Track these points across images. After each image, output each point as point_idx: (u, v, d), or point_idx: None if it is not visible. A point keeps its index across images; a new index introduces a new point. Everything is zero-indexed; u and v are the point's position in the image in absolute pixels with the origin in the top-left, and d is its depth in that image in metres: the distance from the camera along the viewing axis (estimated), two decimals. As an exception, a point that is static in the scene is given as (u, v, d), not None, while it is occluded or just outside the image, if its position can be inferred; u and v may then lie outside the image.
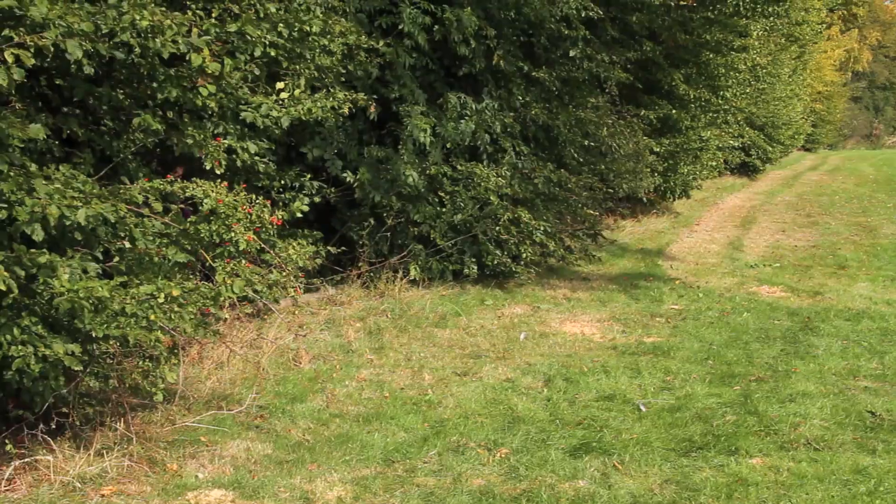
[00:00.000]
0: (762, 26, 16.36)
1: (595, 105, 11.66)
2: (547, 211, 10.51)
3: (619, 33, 11.76)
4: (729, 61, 15.53)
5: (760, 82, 20.96)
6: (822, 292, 10.48)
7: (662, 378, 7.08)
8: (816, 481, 4.95)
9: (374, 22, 9.09)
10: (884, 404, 6.30)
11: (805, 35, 25.96)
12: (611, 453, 5.39)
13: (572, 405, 6.41)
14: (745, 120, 22.36)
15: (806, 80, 31.69)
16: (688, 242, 14.68)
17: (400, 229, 9.56)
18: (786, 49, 23.91)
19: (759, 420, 5.98)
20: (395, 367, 7.31)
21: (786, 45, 23.57)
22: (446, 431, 5.79)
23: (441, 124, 9.39)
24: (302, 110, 6.18)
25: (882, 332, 8.51)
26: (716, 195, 22.02)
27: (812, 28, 26.84)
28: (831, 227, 16.61)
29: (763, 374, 7.15)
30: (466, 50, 9.39)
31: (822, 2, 27.54)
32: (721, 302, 10.00)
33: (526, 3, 9.65)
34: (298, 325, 7.98)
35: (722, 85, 15.94)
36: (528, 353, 7.84)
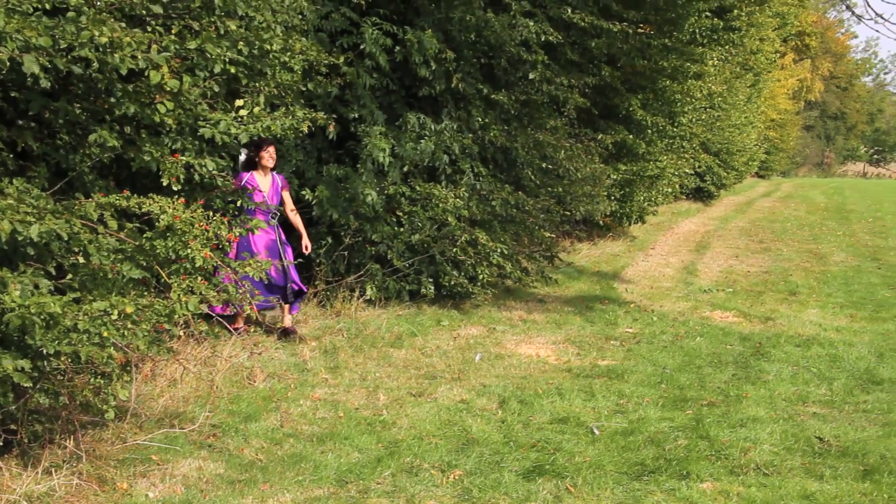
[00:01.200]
0: (718, 54, 16.58)
1: (553, 128, 11.74)
2: (504, 233, 10.56)
3: (578, 57, 11.86)
4: (685, 88, 15.72)
5: (716, 109, 21.23)
6: (774, 318, 10.62)
7: (616, 401, 7.12)
8: (766, 506, 5.01)
9: (335, 42, 9.11)
10: (832, 430, 6.39)
11: (760, 64, 26.37)
12: (564, 476, 5.41)
13: (526, 427, 6.43)
14: (700, 146, 22.63)
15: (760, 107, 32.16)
16: (643, 266, 14.80)
17: (357, 248, 9.55)
18: (741, 77, 24.27)
19: (711, 444, 6.04)
20: (350, 386, 7.29)
21: (741, 74, 23.93)
22: (400, 452, 5.77)
23: (400, 144, 9.42)
24: (261, 127, 6.16)
25: (831, 358, 8.63)
26: (671, 220, 22.24)
27: (766, 57, 27.28)
28: (783, 253, 16.83)
29: (715, 398, 7.23)
30: (427, 72, 9.43)
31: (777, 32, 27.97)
32: (675, 326, 10.09)
33: (486, 26, 9.72)
34: (254, 343, 7.93)
35: (678, 111, 16.13)
36: (483, 375, 7.85)
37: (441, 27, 9.71)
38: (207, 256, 5.31)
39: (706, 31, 14.01)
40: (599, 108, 13.63)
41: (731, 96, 23.05)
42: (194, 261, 5.26)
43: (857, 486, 5.35)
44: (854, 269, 14.82)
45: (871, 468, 5.64)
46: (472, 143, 10.26)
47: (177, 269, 5.33)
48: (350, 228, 9.29)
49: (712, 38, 14.43)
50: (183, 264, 5.31)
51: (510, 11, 10.01)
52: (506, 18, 9.87)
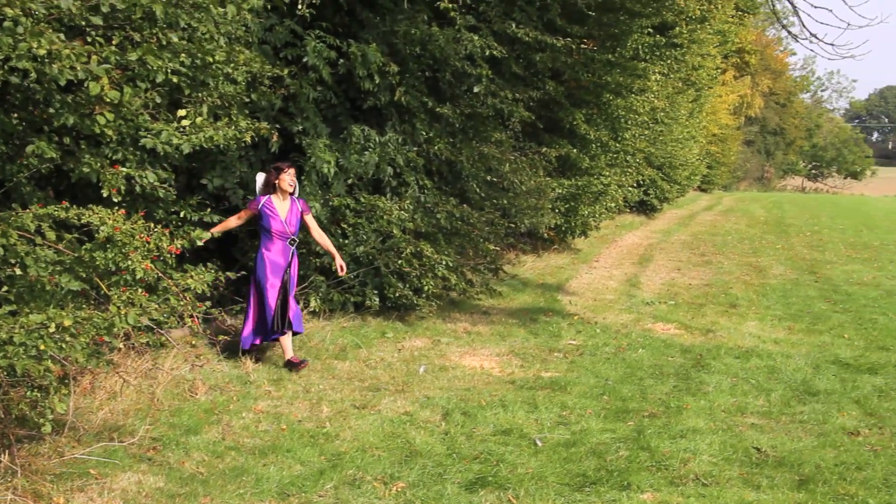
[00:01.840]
0: (660, 69, 16.80)
1: (498, 141, 11.81)
2: (449, 245, 10.58)
3: (522, 71, 11.94)
4: (629, 103, 15.90)
5: (659, 124, 21.47)
6: (714, 330, 10.77)
7: (559, 413, 7.17)
8: (704, 515, 5.08)
9: (279, 54, 9.08)
10: (769, 441, 6.51)
11: (701, 80, 26.75)
12: (506, 488, 5.44)
13: (470, 439, 6.45)
14: (643, 160, 22.87)
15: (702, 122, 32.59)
16: (587, 279, 14.93)
17: (302, 260, 9.50)
18: (683, 92, 24.58)
19: (651, 455, 6.11)
20: (294, 399, 7.26)
21: (683, 89, 24.23)
22: (343, 465, 5.76)
23: (345, 157, 9.42)
24: (203, 138, 6.13)
25: (769, 369, 8.78)
26: (615, 233, 22.44)
27: (708, 73, 27.67)
28: (724, 266, 17.07)
29: (656, 409, 7.31)
30: (371, 85, 9.44)
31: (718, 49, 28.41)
32: (617, 338, 10.19)
33: (431, 40, 9.76)
34: (196, 355, 7.85)
35: (622, 126, 16.30)
36: (427, 387, 7.87)
37: (386, 40, 9.73)
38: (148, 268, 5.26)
39: (648, 48, 14.19)
40: (544, 122, 13.72)
41: (673, 111, 23.34)
42: (135, 272, 5.21)
43: (792, 496, 5.45)
44: (792, 282, 15.08)
45: (806, 478, 5.74)
46: (417, 155, 10.29)
47: (117, 281, 5.28)
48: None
49: (654, 54, 14.63)
50: (123, 276, 5.26)
51: (455, 25, 10.06)
52: (450, 32, 9.91)
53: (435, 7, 10.07)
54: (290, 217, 8.13)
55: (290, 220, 8.12)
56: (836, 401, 7.72)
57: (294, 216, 8.17)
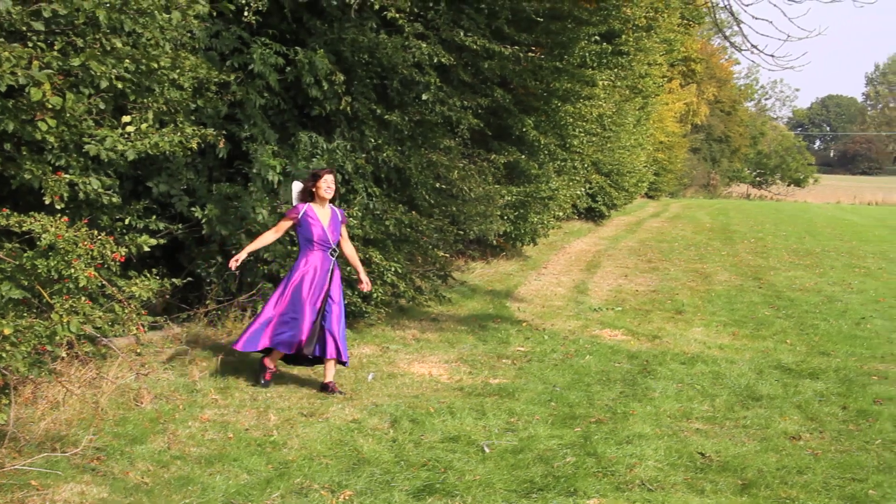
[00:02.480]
0: (607, 77, 16.95)
1: (447, 148, 11.84)
2: (398, 252, 10.58)
3: (471, 79, 11.99)
4: (577, 109, 16.02)
5: (606, 131, 21.66)
6: (661, 336, 10.88)
7: (507, 419, 7.20)
8: (649, 520, 5.13)
9: (225, 60, 9.02)
10: (713, 446, 6.59)
11: (648, 88, 27.03)
12: (454, 495, 5.45)
13: (418, 446, 6.45)
14: (591, 166, 23.07)
15: (649, 130, 32.97)
16: (535, 285, 15.01)
17: (249, 267, 9.44)
18: (630, 100, 24.84)
19: (598, 461, 6.16)
20: (241, 407, 7.20)
21: (630, 97, 24.49)
22: (290, 473, 5.73)
23: (292, 163, 9.38)
24: (148, 144, 6.08)
25: (714, 375, 8.89)
26: (563, 239, 22.59)
27: (655, 81, 28.00)
28: (670, 273, 17.26)
29: (603, 415, 7.37)
30: (318, 92, 9.42)
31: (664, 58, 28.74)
32: (565, 344, 10.26)
33: (379, 47, 9.77)
34: (141, 364, 7.76)
35: (570, 133, 16.42)
36: (375, 394, 7.86)
37: (333, 48, 9.72)
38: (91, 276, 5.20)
39: (595, 55, 14.32)
40: (493, 129, 13.78)
41: (620, 118, 23.56)
42: (77, 280, 5.14)
43: (735, 500, 5.53)
44: (737, 289, 15.29)
45: (748, 482, 5.83)
46: (366, 162, 10.28)
47: (59, 289, 5.21)
48: (241, 247, 9.18)
49: (601, 61, 14.75)
50: (66, 284, 5.19)
51: (403, 33, 10.08)
52: (398, 40, 9.93)
53: (383, 15, 10.08)
54: (332, 225, 7.81)
55: (332, 228, 7.80)
56: (779, 406, 7.84)
57: (335, 224, 7.84)
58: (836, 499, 5.61)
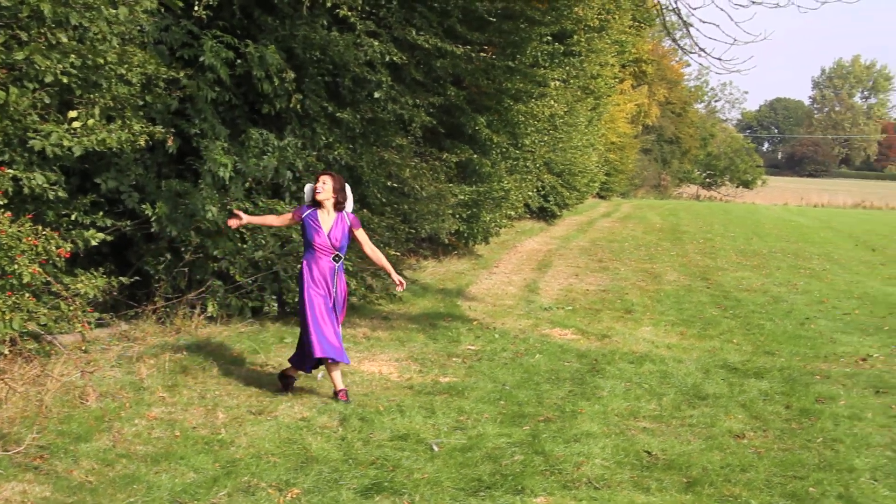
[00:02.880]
0: (560, 76, 17.05)
1: (399, 146, 11.83)
2: (349, 250, 10.54)
3: (423, 77, 11.99)
4: (529, 108, 16.10)
5: (558, 131, 21.80)
6: (610, 335, 10.97)
7: (456, 418, 7.22)
8: (595, 518, 5.18)
9: (174, 54, 8.94)
10: (660, 444, 6.67)
11: (600, 88, 27.24)
12: (402, 493, 5.46)
13: (366, 445, 6.45)
14: (543, 166, 23.18)
15: (601, 130, 33.19)
16: (487, 284, 15.05)
17: (199, 264, 9.38)
18: (582, 101, 25.01)
19: (546, 460, 6.20)
20: (189, 405, 7.15)
21: (582, 97, 24.66)
22: (237, 472, 5.70)
23: (243, 160, 9.32)
24: (95, 140, 6.01)
25: (662, 374, 8.99)
26: (515, 238, 22.67)
27: (606, 82, 28.20)
28: (620, 272, 17.40)
29: (551, 414, 7.42)
30: (269, 86, 9.37)
31: (616, 59, 28.97)
32: (515, 343, 10.30)
33: (330, 45, 9.73)
34: (87, 361, 7.67)
35: (522, 132, 16.49)
36: (325, 393, 7.83)
37: (284, 45, 9.66)
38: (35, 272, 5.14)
39: (548, 55, 14.40)
40: (446, 128, 13.80)
41: (572, 119, 23.71)
42: (21, 277, 5.08)
43: (680, 498, 5.60)
44: (685, 289, 15.47)
45: (693, 480, 5.90)
46: (317, 160, 10.24)
47: (2, 286, 5.14)
48: (191, 244, 9.12)
49: (553, 61, 14.85)
50: (9, 280, 5.12)
51: (355, 31, 10.06)
52: (350, 38, 9.91)
53: (334, 13, 10.04)
54: (336, 231, 7.55)
55: (334, 234, 7.54)
56: (724, 404, 7.95)
57: (340, 230, 7.57)
58: (778, 496, 5.70)
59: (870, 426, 7.40)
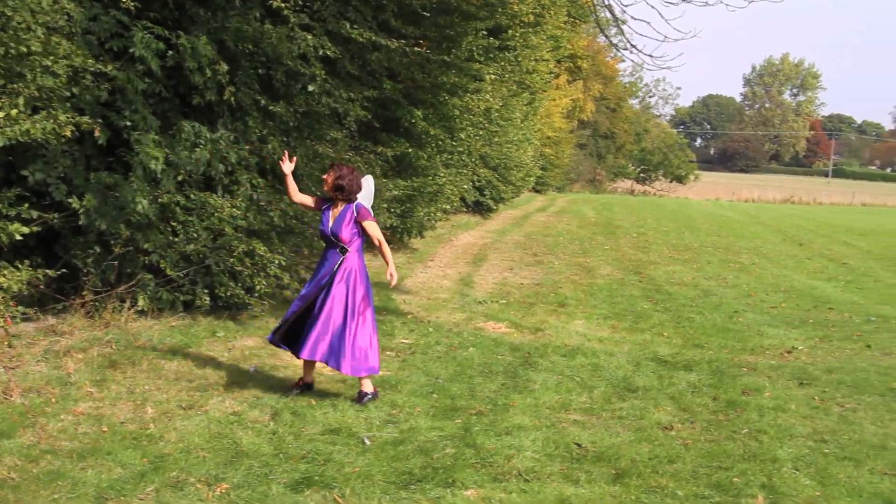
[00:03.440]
0: (495, 71, 17.11)
1: (334, 140, 11.77)
2: (283, 244, 10.49)
3: (358, 71, 11.93)
4: (464, 103, 16.13)
5: (494, 125, 21.86)
6: (543, 329, 11.07)
7: (388, 411, 7.24)
8: (524, 510, 5.24)
9: (103, 45, 8.77)
10: (590, 436, 6.75)
11: (535, 83, 27.37)
12: (332, 487, 5.46)
13: (298, 439, 6.43)
14: (479, 160, 23.24)
15: (536, 125, 33.39)
16: (422, 278, 15.07)
17: (129, 258, 9.25)
18: (518, 95, 25.09)
19: (477, 452, 6.25)
20: (117, 400, 7.06)
21: (518, 92, 24.75)
22: (166, 467, 5.65)
23: (174, 152, 9.19)
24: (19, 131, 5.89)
25: (593, 367, 9.09)
26: (451, 232, 22.73)
27: (542, 77, 28.35)
28: (554, 266, 17.55)
29: (484, 407, 7.47)
30: (201, 78, 9.24)
31: (551, 54, 29.14)
32: (449, 337, 10.34)
33: (263, 37, 9.64)
34: (10, 356, 7.53)
35: (457, 126, 16.52)
36: (257, 386, 7.79)
37: (216, 37, 9.54)
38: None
39: (483, 50, 14.43)
40: (381, 121, 13.76)
41: (508, 113, 23.79)
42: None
43: (608, 489, 5.68)
44: (618, 282, 15.66)
45: (622, 472, 5.99)
46: (250, 153, 10.15)
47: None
48: (120, 237, 8.98)
49: (488, 56, 14.88)
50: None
51: (288, 24, 9.97)
52: (283, 30, 9.82)
53: (267, 5, 9.95)
54: (339, 223, 7.49)
55: (339, 225, 7.48)
56: (654, 397, 8.08)
57: (344, 222, 7.49)
58: (704, 487, 5.81)
59: (793, 417, 7.57)
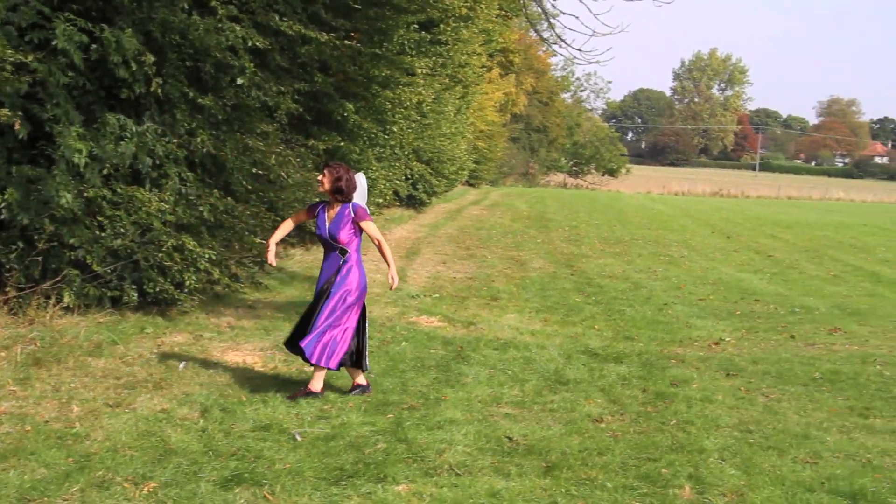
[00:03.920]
0: (426, 65, 17.11)
1: (264, 133, 11.67)
2: (213, 238, 10.37)
3: (288, 64, 11.83)
4: (396, 97, 16.11)
5: (427, 118, 21.87)
6: (476, 322, 11.11)
7: (320, 407, 7.20)
8: (455, 505, 5.26)
9: (24, 36, 8.56)
10: (521, 430, 6.80)
11: (468, 77, 27.46)
12: (262, 484, 5.42)
13: (228, 436, 6.37)
14: (412, 154, 23.24)
15: (469, 118, 33.52)
16: (354, 272, 14.99)
17: (54, 253, 9.05)
18: (450, 89, 25.16)
19: (409, 447, 6.25)
20: (41, 398, 6.92)
21: (450, 85, 24.81)
22: (92, 466, 5.55)
23: (100, 146, 9.02)
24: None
25: (525, 360, 9.16)
26: (384, 226, 22.67)
27: (474, 71, 28.45)
28: (487, 260, 17.62)
29: (416, 402, 7.48)
30: (126, 72, 9.07)
31: (483, 48, 29.24)
32: (382, 331, 10.32)
33: (191, 29, 9.50)
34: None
35: (389, 119, 16.49)
36: (186, 383, 7.70)
37: (143, 28, 9.37)
38: None
39: (414, 43, 14.42)
40: (313, 114, 13.68)
41: (440, 106, 23.84)
42: None
43: (538, 482, 5.72)
44: (550, 276, 15.78)
45: (552, 464, 6.04)
46: (179, 147, 10.00)
47: None
48: (44, 232, 8.79)
49: (420, 49, 14.89)
50: None
51: (216, 15, 9.84)
52: (211, 22, 9.69)
53: (196, -5, 9.82)
54: (336, 225, 7.45)
55: (335, 227, 7.45)
56: (584, 389, 8.16)
57: (341, 223, 7.46)
58: (633, 478, 5.88)
59: (720, 408, 7.71)
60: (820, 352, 10.33)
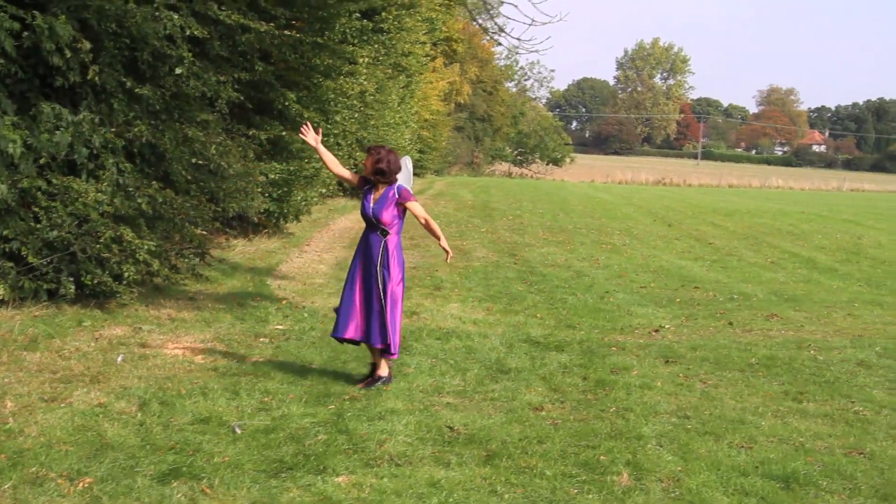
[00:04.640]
0: (369, 53, 17.05)
1: (204, 122, 11.53)
2: (152, 230, 10.23)
3: (228, 53, 11.70)
4: (339, 86, 16.03)
5: (370, 108, 21.80)
6: (419, 312, 11.11)
7: (261, 399, 7.16)
8: (395, 496, 5.28)
9: (-49, 23, 8.38)
10: (462, 419, 6.82)
11: (412, 66, 27.44)
12: (200, 477, 5.38)
13: (166, 429, 6.31)
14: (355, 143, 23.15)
15: (413, 108, 33.43)
16: (298, 262, 14.94)
17: (-13, 245, 8.89)
18: (394, 78, 25.10)
19: (349, 438, 6.25)
20: (-27, 395, 6.79)
21: (394, 75, 24.76)
22: (25, 462, 5.46)
23: (34, 136, 8.86)
24: None
25: (467, 350, 9.18)
26: (328, 216, 22.59)
27: (418, 60, 28.44)
28: (431, 249, 17.59)
29: (357, 393, 7.47)
30: (60, 60, 8.91)
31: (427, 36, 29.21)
32: (325, 322, 10.27)
33: (127, 17, 9.35)
34: None
35: (332, 109, 16.41)
36: (124, 377, 7.60)
37: (78, 15, 9.20)
38: None
39: (356, 32, 14.36)
40: (254, 104, 13.56)
41: (384, 96, 23.77)
42: None
43: (479, 471, 5.75)
44: (494, 265, 15.83)
45: (493, 453, 6.08)
46: (116, 136, 9.85)
47: None
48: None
49: (362, 38, 14.83)
50: None
51: (153, 3, 9.70)
52: (148, 10, 9.54)
53: (132, -17, 9.66)
54: (378, 205, 7.61)
55: (377, 208, 7.60)
56: (526, 378, 8.21)
57: (385, 205, 7.61)
58: (572, 465, 5.93)
59: (658, 395, 7.81)
60: (757, 338, 10.50)
